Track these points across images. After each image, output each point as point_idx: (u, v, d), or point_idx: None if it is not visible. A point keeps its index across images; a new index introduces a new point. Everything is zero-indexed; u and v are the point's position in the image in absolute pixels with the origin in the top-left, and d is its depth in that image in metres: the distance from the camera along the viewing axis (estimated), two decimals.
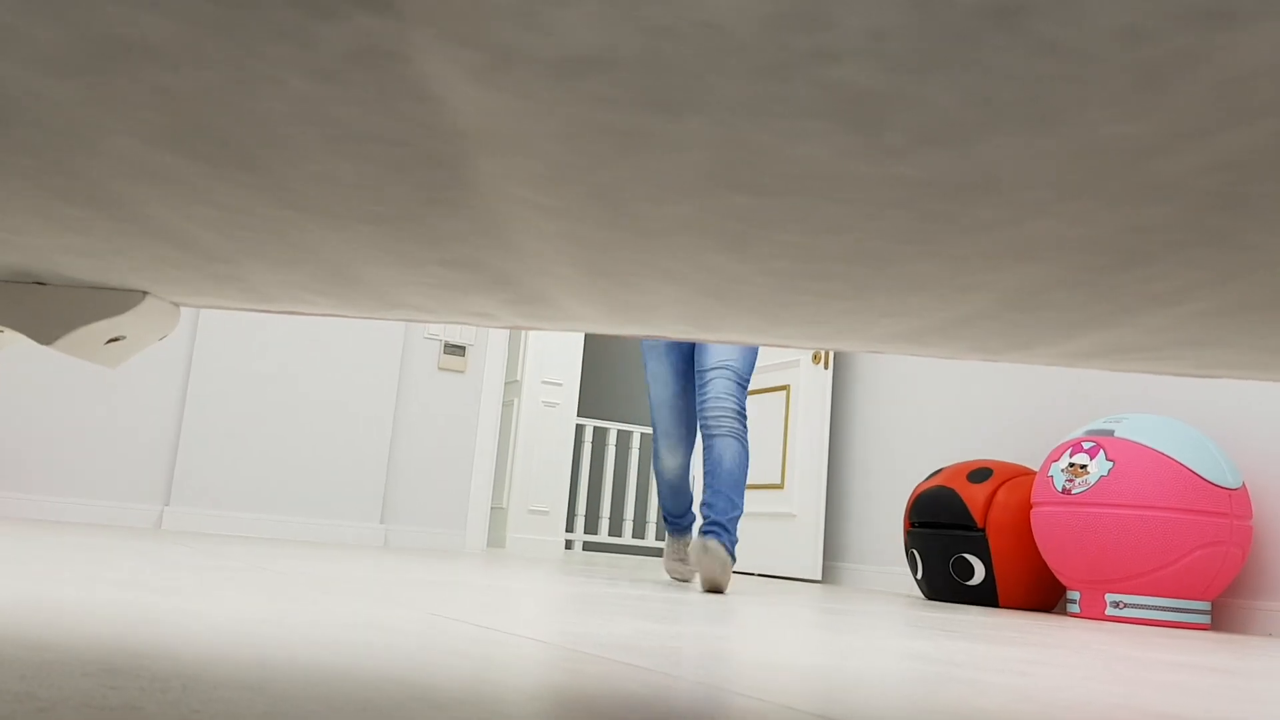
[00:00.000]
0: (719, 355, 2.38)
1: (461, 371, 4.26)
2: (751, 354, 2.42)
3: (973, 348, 0.60)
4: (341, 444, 3.97)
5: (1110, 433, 2.96)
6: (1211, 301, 0.45)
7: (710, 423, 2.36)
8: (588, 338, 6.45)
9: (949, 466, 3.40)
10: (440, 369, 4.22)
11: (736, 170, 0.33)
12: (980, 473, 3.28)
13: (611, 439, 5.50)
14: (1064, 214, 0.34)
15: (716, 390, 2.37)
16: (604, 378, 7.70)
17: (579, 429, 5.84)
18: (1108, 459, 2.91)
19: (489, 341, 4.34)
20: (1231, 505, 2.83)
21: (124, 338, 0.67)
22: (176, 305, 0.68)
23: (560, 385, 5.64)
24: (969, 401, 3.84)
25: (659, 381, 2.51)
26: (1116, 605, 2.93)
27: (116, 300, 0.63)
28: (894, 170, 0.32)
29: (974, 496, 3.25)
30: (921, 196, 0.34)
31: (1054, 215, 0.35)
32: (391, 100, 0.31)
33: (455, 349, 4.25)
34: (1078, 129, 0.28)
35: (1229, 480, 2.85)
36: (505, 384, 5.27)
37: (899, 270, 0.43)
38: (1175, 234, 0.36)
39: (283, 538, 3.73)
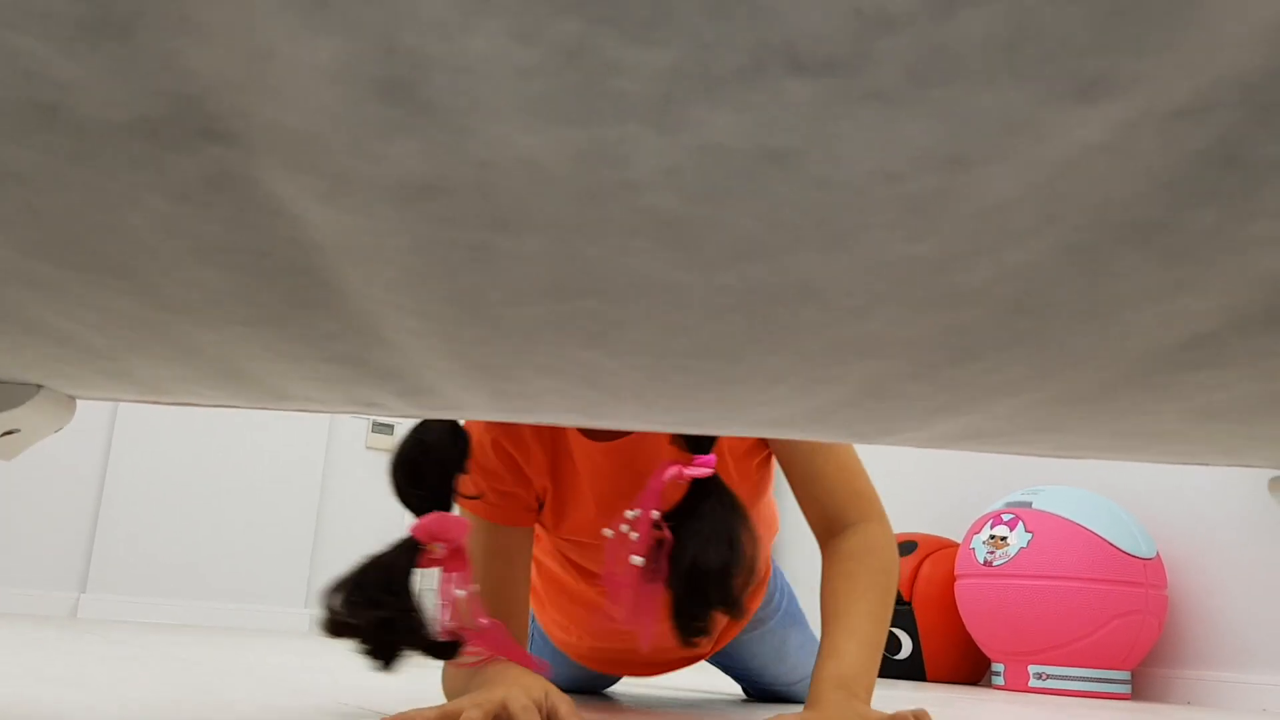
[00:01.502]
0: None
1: (390, 450, 4.23)
2: None
3: (846, 433, 0.63)
4: (265, 526, 3.90)
5: (1028, 504, 3.03)
6: (1043, 393, 0.48)
7: None
8: None
9: None
10: (368, 448, 4.19)
11: (579, 279, 0.36)
12: (905, 546, 3.32)
13: None
14: (883, 318, 0.37)
15: None
16: None
17: None
18: (1026, 530, 2.97)
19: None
20: (1146, 575, 2.90)
21: (19, 430, 0.68)
22: (72, 398, 0.69)
23: None
24: (892, 474, 3.91)
25: None
26: (1039, 677, 2.96)
27: (9, 394, 0.64)
28: (719, 281, 0.35)
29: (900, 570, 3.29)
30: (750, 302, 0.36)
31: (874, 319, 0.38)
32: (248, 217, 0.33)
33: (384, 427, 4.22)
34: (868, 248, 0.31)
35: (1143, 550, 2.92)
36: None
37: (753, 364, 0.46)
38: (989, 335, 0.39)
39: (204, 624, 3.63)
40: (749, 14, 0.20)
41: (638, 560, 0.86)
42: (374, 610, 0.86)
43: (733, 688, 1.79)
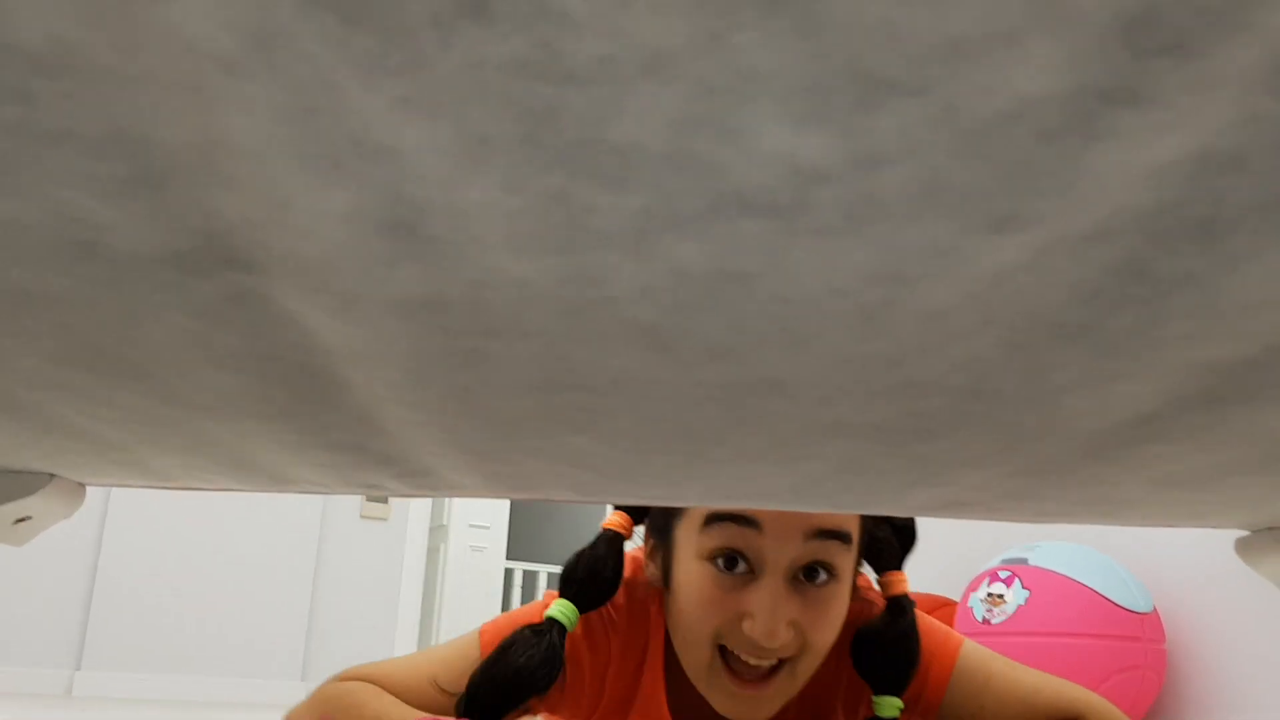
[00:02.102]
0: None
1: (385, 519, 4.23)
2: None
3: (827, 504, 0.66)
4: (261, 600, 3.89)
5: (1025, 560, 3.04)
6: (1007, 466, 0.51)
7: None
8: None
9: None
10: (363, 517, 4.19)
11: (566, 375, 0.39)
12: None
13: (542, 581, 5.44)
14: (847, 405, 0.41)
15: None
16: (533, 519, 7.65)
17: (508, 573, 5.78)
18: (1024, 587, 2.98)
19: None
20: (1144, 629, 2.90)
21: (31, 518, 0.70)
22: (82, 485, 0.71)
23: (488, 528, 5.59)
24: None
25: None
26: None
27: (24, 483, 0.66)
28: (694, 377, 0.38)
29: None
30: (725, 394, 0.40)
31: (840, 405, 0.41)
32: (263, 329, 0.36)
33: (378, 497, 4.22)
34: (827, 349, 0.34)
35: (1140, 605, 2.93)
36: (431, 529, 5.22)
37: (733, 445, 0.49)
38: (948, 417, 0.42)
39: (200, 700, 3.60)
40: (703, 170, 0.23)
41: None
42: None
43: None
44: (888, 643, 0.93)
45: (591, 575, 0.92)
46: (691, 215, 0.26)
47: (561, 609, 0.90)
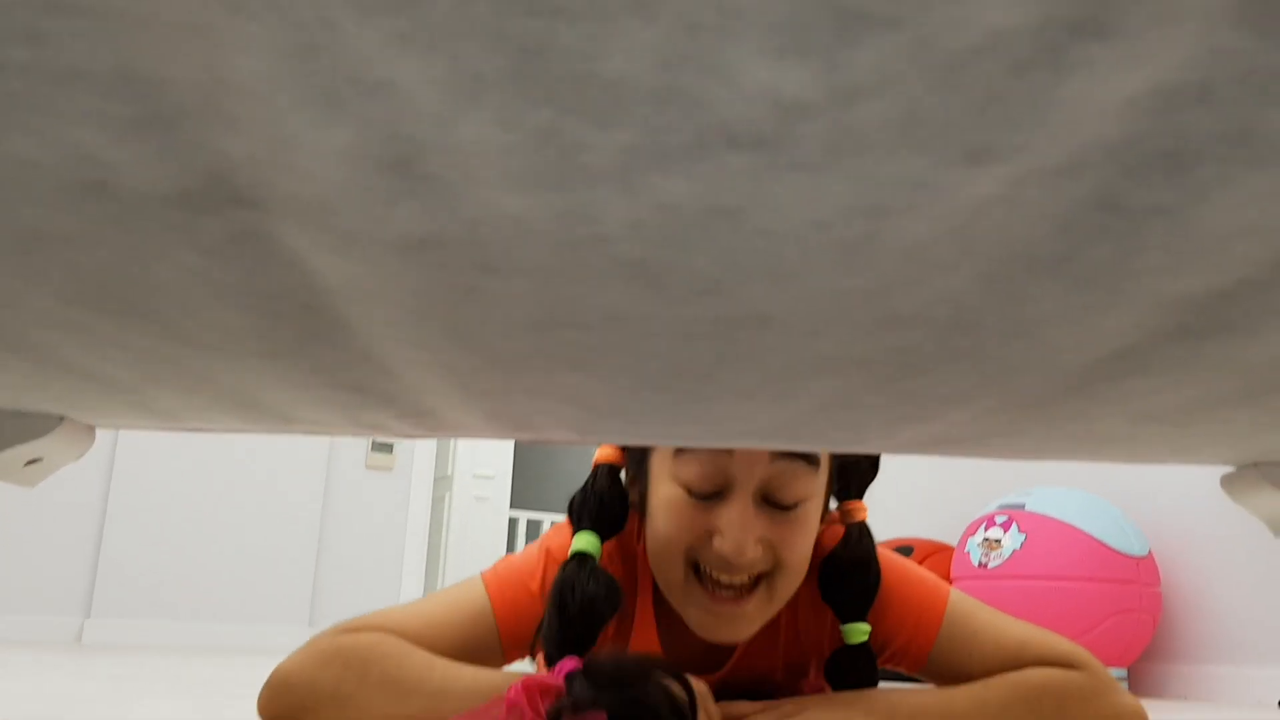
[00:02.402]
0: None
1: (390, 469, 4.27)
2: None
3: (819, 442, 0.67)
4: (267, 548, 3.94)
5: (1021, 506, 3.07)
6: (992, 401, 0.53)
7: None
8: None
9: None
10: (368, 468, 4.22)
11: (560, 313, 0.40)
12: (902, 550, 3.36)
13: (545, 530, 5.50)
14: (834, 339, 0.42)
15: None
16: (537, 469, 7.71)
17: (512, 522, 5.84)
18: (1020, 532, 3.01)
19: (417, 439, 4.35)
20: (1140, 573, 2.94)
21: (42, 459, 0.72)
22: (92, 427, 0.73)
23: (492, 478, 5.64)
24: (887, 481, 3.95)
25: None
26: None
27: (34, 424, 0.68)
28: (684, 312, 0.39)
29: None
30: (715, 330, 0.41)
31: (827, 339, 0.42)
32: (267, 267, 0.37)
33: (383, 447, 4.25)
34: (814, 282, 0.35)
35: (1136, 548, 2.97)
36: (435, 479, 5.26)
37: (725, 382, 0.50)
38: (932, 351, 0.44)
39: (208, 646, 3.66)
40: (688, 105, 0.24)
41: None
42: None
43: None
44: (848, 568, 0.96)
45: (601, 506, 0.94)
46: (678, 150, 0.27)
47: (586, 541, 0.92)
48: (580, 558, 0.91)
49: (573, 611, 0.87)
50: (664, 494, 0.90)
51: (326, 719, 0.87)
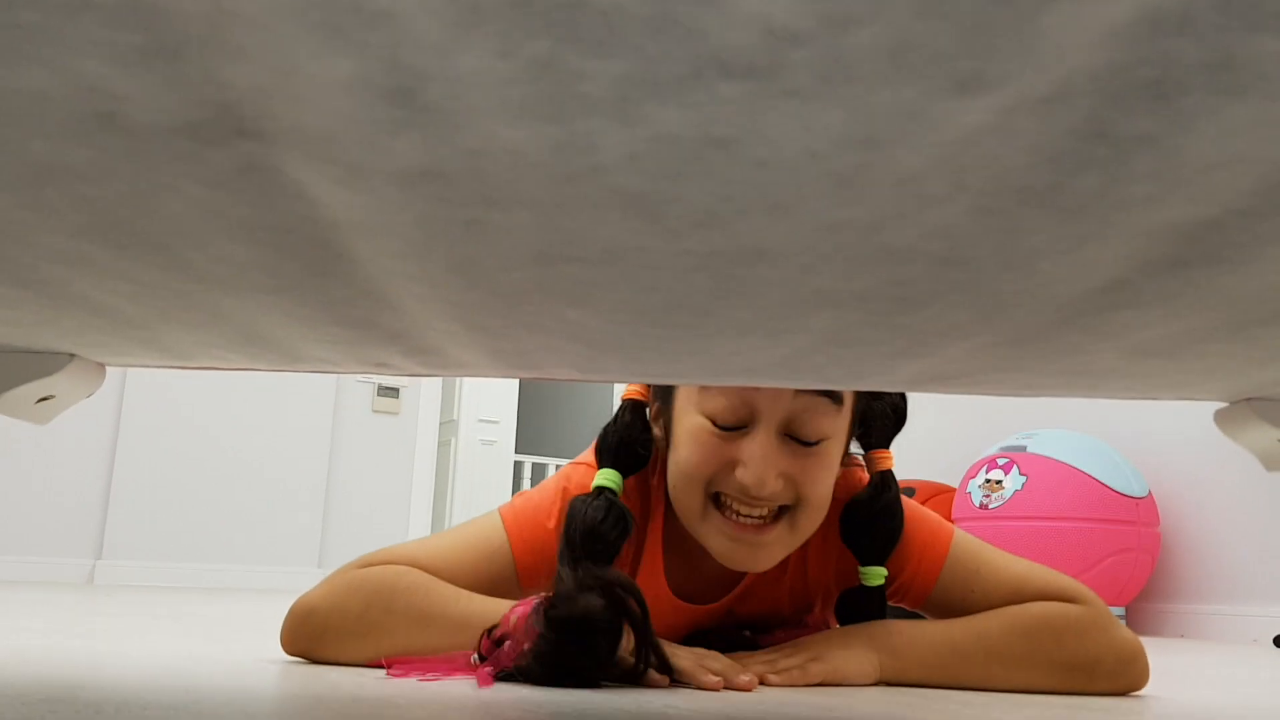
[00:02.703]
0: None
1: (396, 414, 4.29)
2: None
3: (818, 378, 0.68)
4: (275, 490, 3.98)
5: (1023, 448, 3.10)
6: (989, 336, 0.53)
7: None
8: None
9: None
10: (374, 411, 4.25)
11: (563, 247, 0.41)
12: (905, 492, 3.39)
13: (550, 474, 5.54)
14: (830, 273, 0.43)
15: None
16: (541, 413, 7.74)
17: (517, 465, 5.88)
18: (1021, 473, 3.04)
19: (422, 383, 4.38)
20: (1139, 513, 2.97)
21: (53, 397, 0.73)
22: (102, 365, 0.74)
23: (497, 423, 5.67)
24: None
25: None
26: None
27: (45, 363, 0.69)
28: (682, 246, 0.40)
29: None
30: (712, 264, 0.42)
31: (823, 274, 0.43)
32: (273, 200, 0.38)
33: (388, 391, 4.28)
34: (809, 214, 0.36)
35: (1135, 489, 2.99)
36: (441, 424, 5.29)
37: (722, 318, 0.51)
38: (928, 285, 0.44)
39: (218, 587, 3.72)
40: (683, 34, 0.25)
41: None
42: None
43: None
44: (873, 515, 0.98)
45: (625, 442, 0.97)
46: (673, 80, 0.27)
47: (607, 477, 0.94)
48: (598, 491, 0.94)
49: (578, 540, 0.89)
50: (688, 424, 0.91)
51: (351, 648, 0.89)
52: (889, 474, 1.01)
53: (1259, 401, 0.70)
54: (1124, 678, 0.96)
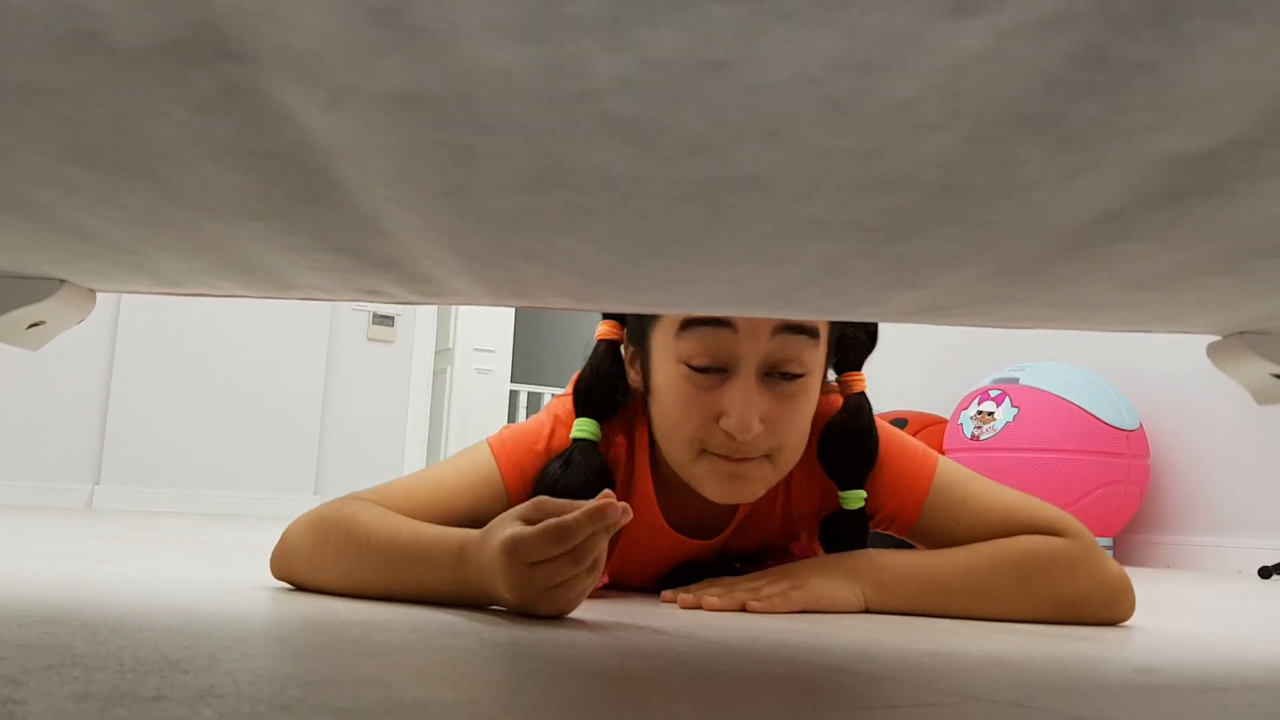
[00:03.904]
0: None
1: (391, 342, 4.29)
2: None
3: (811, 309, 0.68)
4: (272, 417, 3.99)
5: (1015, 380, 3.11)
6: (983, 266, 0.53)
7: None
8: None
9: None
10: (370, 340, 4.25)
11: (554, 173, 0.40)
12: (896, 423, 3.41)
13: (546, 403, 5.56)
14: (824, 201, 0.42)
15: None
16: (537, 343, 7.75)
17: (513, 395, 5.90)
18: (1013, 405, 3.05)
19: (417, 311, 4.37)
20: (1129, 446, 2.99)
21: (44, 322, 0.73)
22: (93, 291, 0.74)
23: (493, 352, 5.67)
24: (883, 354, 3.97)
25: None
26: None
27: (35, 288, 0.69)
28: (675, 173, 0.39)
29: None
30: (705, 192, 0.41)
31: (817, 202, 0.42)
32: (260, 124, 0.37)
33: (384, 319, 4.27)
34: (802, 141, 0.35)
35: (1127, 422, 3.01)
36: (436, 353, 5.30)
37: (715, 247, 0.51)
38: (922, 214, 0.44)
39: (215, 512, 3.75)
40: None
41: None
42: None
43: None
44: (848, 437, 0.98)
45: (600, 386, 0.97)
46: (665, 1, 0.27)
47: (583, 427, 0.95)
48: (575, 444, 0.94)
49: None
50: (667, 374, 0.91)
51: (311, 578, 0.90)
52: (863, 396, 1.02)
53: (1251, 335, 0.70)
54: (1111, 612, 0.97)
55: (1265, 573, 2.62)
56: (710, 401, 0.90)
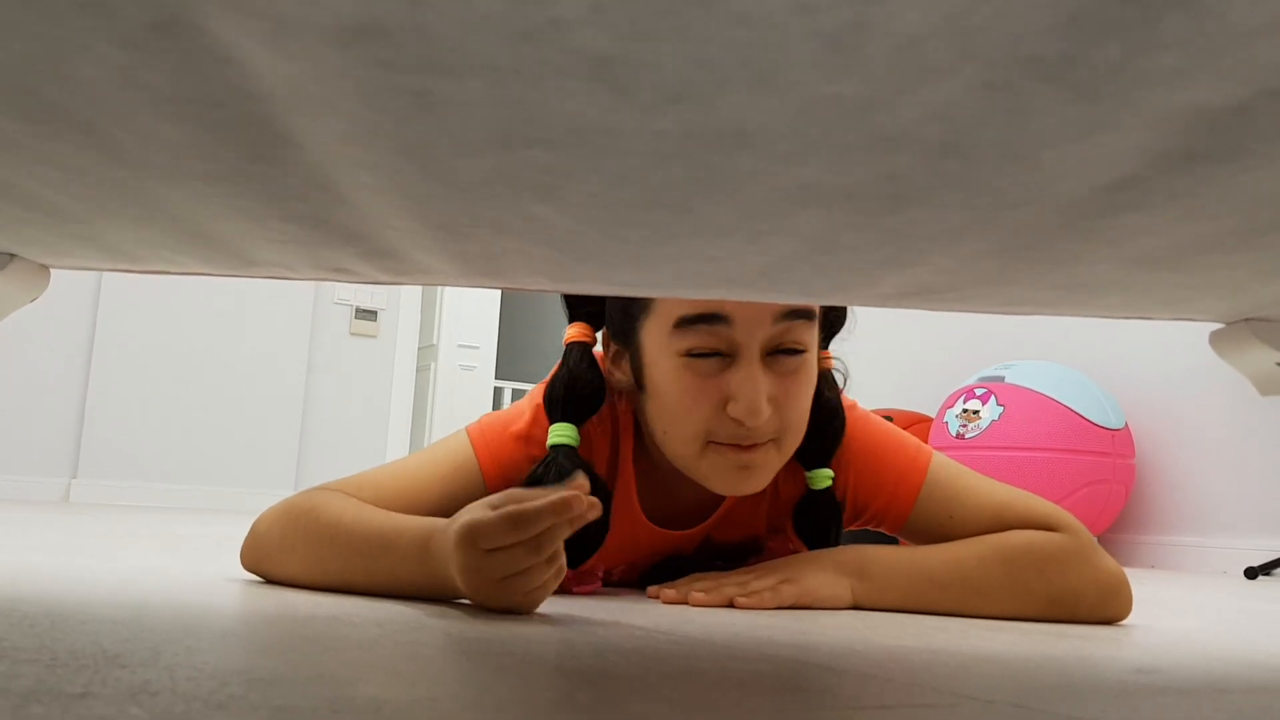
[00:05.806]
0: None
1: (374, 337, 4.25)
2: None
3: (800, 290, 0.65)
4: (252, 412, 3.94)
5: (1001, 378, 3.09)
6: (981, 242, 0.50)
7: None
8: (504, 298, 6.45)
9: None
10: (352, 334, 4.20)
11: (523, 126, 0.37)
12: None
13: None
14: (817, 164, 0.39)
15: None
16: (522, 339, 7.71)
17: (497, 391, 5.86)
18: (998, 404, 3.03)
19: (401, 306, 4.33)
20: (1114, 445, 2.98)
21: None
22: (45, 268, 0.70)
23: (477, 348, 5.63)
24: (869, 351, 3.95)
25: None
26: None
27: None
28: (655, 126, 0.36)
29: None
30: (688, 149, 0.38)
31: (809, 165, 0.39)
32: (197, 65, 0.34)
33: (367, 314, 4.23)
34: (794, 87, 0.32)
35: (1112, 421, 3.00)
36: (420, 348, 5.26)
37: (700, 217, 0.47)
38: (921, 179, 0.41)
39: (195, 507, 3.70)
40: None
41: None
42: None
43: None
44: (815, 414, 0.95)
45: (574, 389, 0.93)
46: None
47: (560, 433, 0.91)
48: (556, 450, 0.91)
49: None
50: (665, 369, 0.88)
51: (279, 569, 0.87)
52: (828, 373, 1.00)
53: (1258, 322, 0.67)
54: (1107, 610, 0.94)
55: (1251, 573, 2.60)
56: (715, 388, 0.87)
